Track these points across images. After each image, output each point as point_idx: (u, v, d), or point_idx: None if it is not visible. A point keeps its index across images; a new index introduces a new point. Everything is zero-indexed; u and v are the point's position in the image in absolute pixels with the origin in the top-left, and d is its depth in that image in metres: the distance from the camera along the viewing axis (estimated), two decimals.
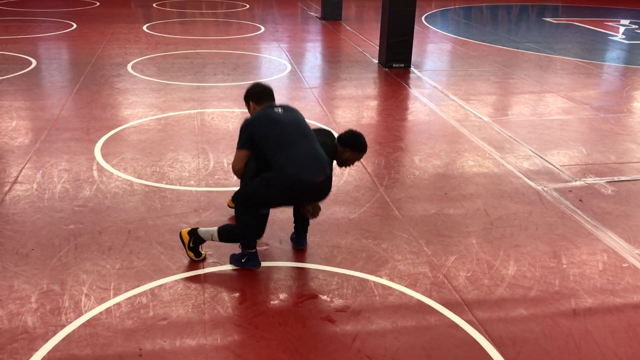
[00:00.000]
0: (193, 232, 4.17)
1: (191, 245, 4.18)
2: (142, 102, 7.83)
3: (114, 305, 3.70)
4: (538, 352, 3.41)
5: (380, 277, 4.08)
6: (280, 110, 3.99)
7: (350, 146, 4.18)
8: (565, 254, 4.45)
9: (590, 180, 5.75)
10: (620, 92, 9.16)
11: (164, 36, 12.31)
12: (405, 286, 3.99)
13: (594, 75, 10.14)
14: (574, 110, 8.01)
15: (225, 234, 4.10)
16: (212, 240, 4.13)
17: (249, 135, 3.91)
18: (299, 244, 4.41)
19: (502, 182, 5.66)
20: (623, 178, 5.82)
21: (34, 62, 9.69)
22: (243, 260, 4.11)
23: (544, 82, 9.44)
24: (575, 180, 5.74)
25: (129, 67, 9.65)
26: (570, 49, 12.35)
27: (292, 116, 4.00)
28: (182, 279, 4.00)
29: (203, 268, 4.12)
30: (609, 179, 5.79)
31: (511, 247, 4.50)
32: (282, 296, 3.86)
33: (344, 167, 4.34)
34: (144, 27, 13.24)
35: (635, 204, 5.28)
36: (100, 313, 3.63)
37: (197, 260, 4.20)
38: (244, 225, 4.01)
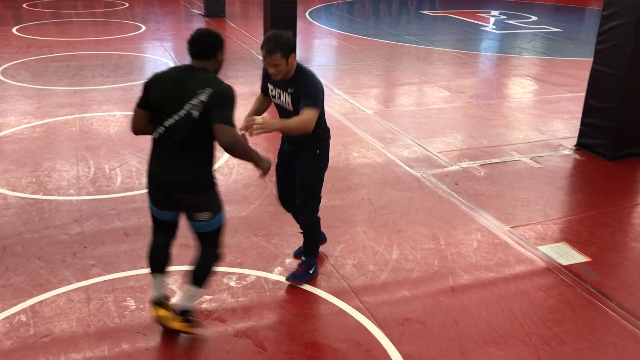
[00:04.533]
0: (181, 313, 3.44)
1: (188, 323, 3.46)
2: (14, 109, 7.37)
3: None
4: (420, 330, 3.61)
5: (271, 272, 4.15)
6: None
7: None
8: (443, 235, 4.73)
9: (464, 164, 6.13)
10: (491, 80, 9.80)
11: (37, 39, 11.64)
12: None
13: (468, 65, 10.77)
14: (450, 99, 8.48)
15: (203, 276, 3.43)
16: (194, 299, 3.49)
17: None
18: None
19: (385, 171, 5.90)
20: (494, 160, 6.25)
21: None
22: (311, 271, 4.08)
23: (423, 74, 9.91)
24: (451, 165, 6.09)
25: None
26: (446, 40, 13.02)
27: None
28: (64, 292, 3.85)
29: (87, 279, 3.98)
30: (482, 162, 6.20)
31: (394, 233, 4.72)
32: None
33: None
34: (14, 30, 12.45)
35: (505, 184, 5.70)
36: None
37: (196, 327, 3.50)
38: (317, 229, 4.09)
